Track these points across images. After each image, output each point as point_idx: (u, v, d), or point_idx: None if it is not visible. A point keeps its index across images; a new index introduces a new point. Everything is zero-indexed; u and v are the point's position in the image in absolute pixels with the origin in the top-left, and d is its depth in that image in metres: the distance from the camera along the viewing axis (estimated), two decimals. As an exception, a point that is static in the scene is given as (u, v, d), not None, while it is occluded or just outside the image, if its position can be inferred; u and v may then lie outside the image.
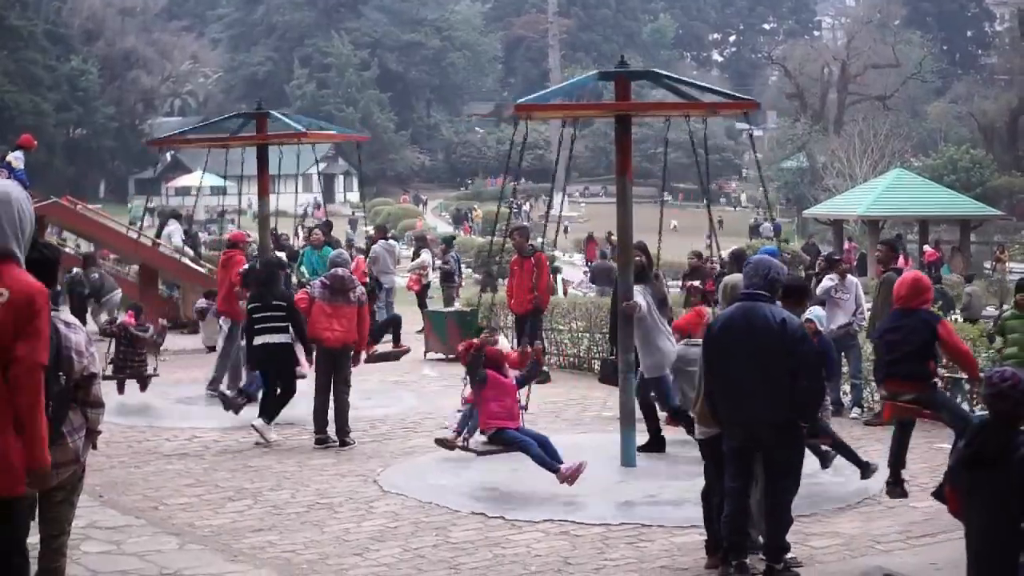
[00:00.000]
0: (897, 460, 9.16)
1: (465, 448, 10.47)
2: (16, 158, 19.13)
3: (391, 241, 22.34)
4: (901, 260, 27.19)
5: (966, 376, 8.93)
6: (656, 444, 11.48)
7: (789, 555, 7.65)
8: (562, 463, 9.77)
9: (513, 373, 10.54)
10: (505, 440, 10.05)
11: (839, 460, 10.03)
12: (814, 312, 12.42)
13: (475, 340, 10.71)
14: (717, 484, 7.81)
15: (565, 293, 26.92)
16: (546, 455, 9.86)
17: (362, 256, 20.31)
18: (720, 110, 12.58)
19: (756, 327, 7.48)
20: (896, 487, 9.13)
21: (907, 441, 9.26)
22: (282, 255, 17.94)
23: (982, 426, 5.79)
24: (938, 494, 8.45)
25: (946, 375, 9.21)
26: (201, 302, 16.97)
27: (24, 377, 4.91)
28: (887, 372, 9.16)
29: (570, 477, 9.67)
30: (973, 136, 65.76)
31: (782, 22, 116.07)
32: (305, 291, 12.40)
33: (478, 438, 10.38)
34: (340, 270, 12.27)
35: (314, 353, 12.27)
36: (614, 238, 34.07)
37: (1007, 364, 9.91)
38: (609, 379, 11.89)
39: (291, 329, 12.27)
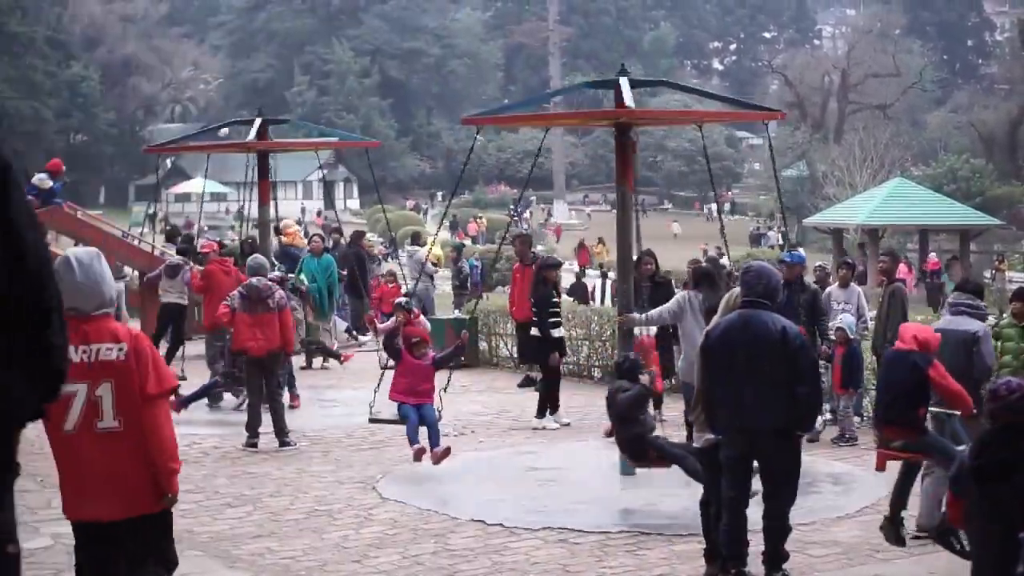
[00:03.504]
0: (898, 501, 8.98)
1: (369, 414, 11.58)
2: (40, 179, 19.31)
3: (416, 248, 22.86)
4: (904, 269, 27.14)
5: (959, 412, 8.81)
6: None
7: (787, 564, 7.65)
8: (437, 446, 10.83)
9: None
10: (399, 412, 11.08)
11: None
12: (844, 321, 12.48)
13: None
14: (715, 493, 7.81)
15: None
16: (415, 433, 10.86)
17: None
18: (744, 119, 12.65)
19: (755, 335, 7.48)
20: (892, 526, 8.90)
21: (911, 485, 9.14)
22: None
23: (989, 438, 5.76)
24: (940, 536, 8.27)
25: (936, 411, 9.10)
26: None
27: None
28: (877, 416, 9.00)
29: (426, 455, 10.74)
30: (973, 146, 65.69)
31: (783, 31, 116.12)
32: (226, 304, 12.62)
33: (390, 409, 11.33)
34: (255, 280, 12.52)
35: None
36: (599, 246, 34.17)
37: (1002, 373, 9.89)
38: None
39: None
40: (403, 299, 13.43)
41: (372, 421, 11.61)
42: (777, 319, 7.55)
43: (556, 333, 13.51)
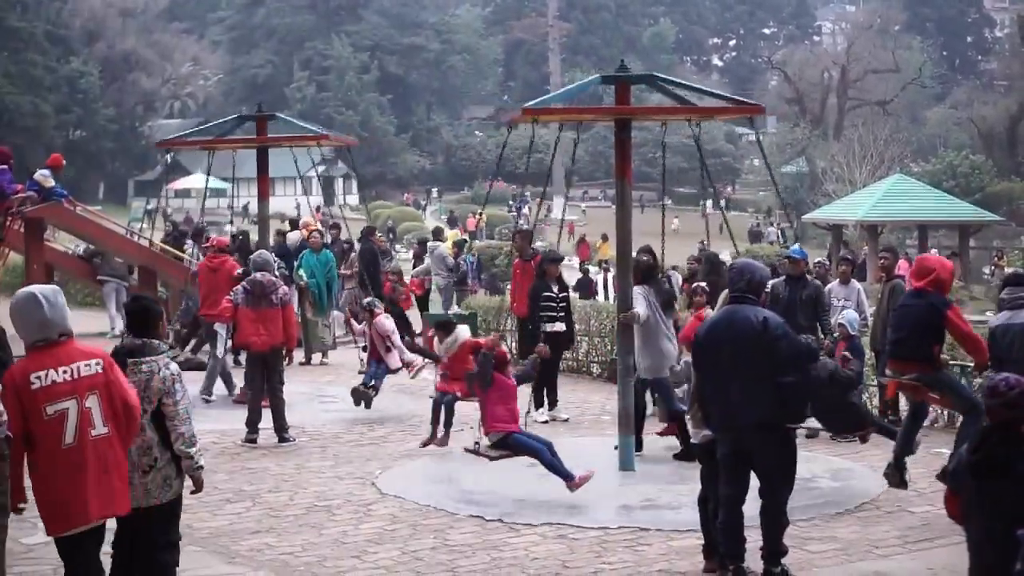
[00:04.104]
0: (904, 447, 9.10)
1: (476, 452, 10.23)
2: (43, 175, 19.15)
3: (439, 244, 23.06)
4: (904, 265, 27.11)
5: (973, 363, 8.89)
6: (688, 454, 10.76)
7: (785, 559, 7.65)
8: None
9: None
10: (514, 445, 9.87)
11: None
12: (847, 317, 12.49)
13: (482, 341, 11.27)
14: (713, 489, 7.82)
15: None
16: (557, 462, 9.74)
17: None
18: (725, 115, 12.59)
19: (738, 330, 7.50)
20: (896, 471, 9.05)
21: (917, 429, 9.22)
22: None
23: (987, 433, 5.75)
24: (943, 477, 8.40)
25: (951, 362, 9.21)
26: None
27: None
28: (890, 352, 9.12)
29: (580, 485, 9.64)
30: (972, 142, 65.72)
31: (782, 27, 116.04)
32: (229, 298, 12.76)
33: (484, 441, 10.14)
34: (259, 275, 12.62)
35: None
36: (602, 243, 34.11)
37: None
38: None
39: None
40: (368, 299, 13.79)
41: (493, 459, 10.06)
42: (759, 312, 7.56)
43: (550, 327, 13.30)
